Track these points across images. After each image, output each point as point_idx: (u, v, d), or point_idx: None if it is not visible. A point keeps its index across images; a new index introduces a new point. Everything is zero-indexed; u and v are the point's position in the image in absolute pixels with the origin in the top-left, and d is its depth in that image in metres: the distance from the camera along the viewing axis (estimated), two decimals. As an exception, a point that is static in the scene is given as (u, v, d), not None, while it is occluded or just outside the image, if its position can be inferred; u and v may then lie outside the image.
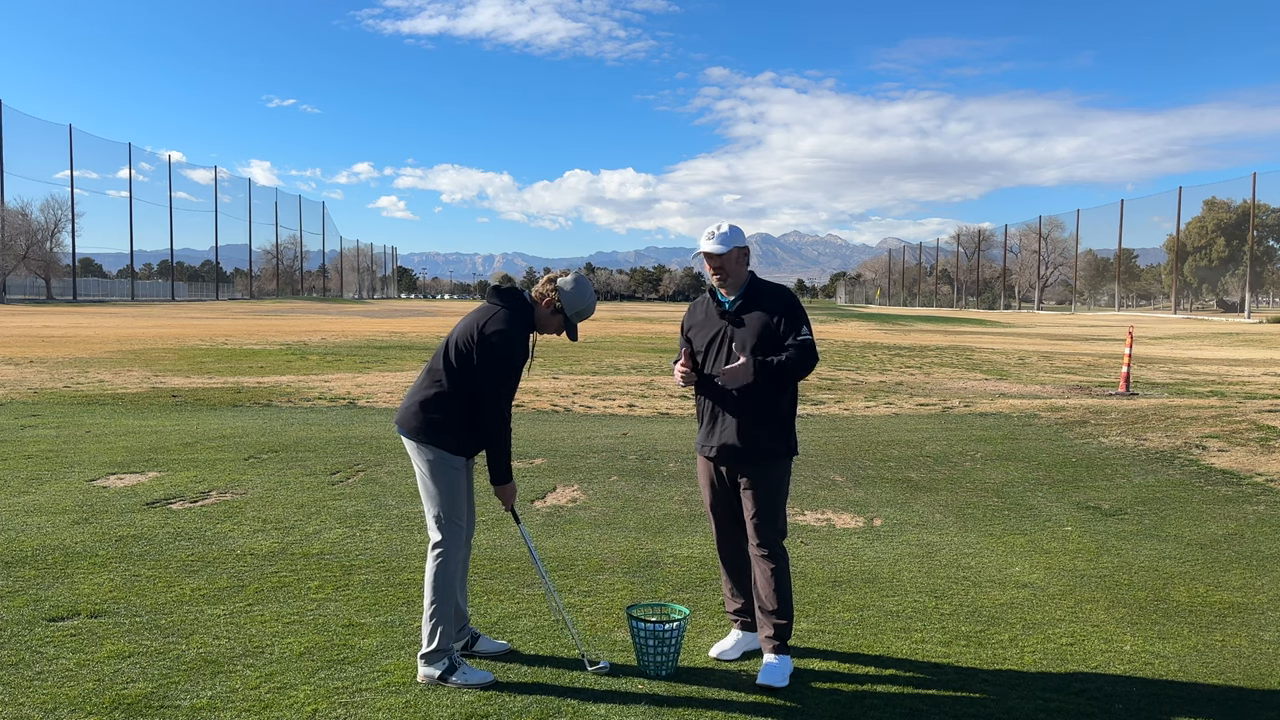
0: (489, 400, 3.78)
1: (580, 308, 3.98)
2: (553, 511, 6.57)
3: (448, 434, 3.80)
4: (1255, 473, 8.01)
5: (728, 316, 3.95)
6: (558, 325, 4.00)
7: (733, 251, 3.93)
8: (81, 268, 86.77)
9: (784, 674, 3.77)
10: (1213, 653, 4.16)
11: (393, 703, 3.50)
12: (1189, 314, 64.66)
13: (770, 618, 3.87)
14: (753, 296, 3.96)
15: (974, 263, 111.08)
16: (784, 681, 3.74)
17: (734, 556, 4.10)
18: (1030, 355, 23.80)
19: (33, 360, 17.62)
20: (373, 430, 9.91)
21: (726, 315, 3.96)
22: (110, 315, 43.24)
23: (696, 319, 4.08)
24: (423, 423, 3.81)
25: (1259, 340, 32.62)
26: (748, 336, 3.88)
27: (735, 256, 3.94)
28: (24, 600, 4.50)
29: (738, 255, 3.95)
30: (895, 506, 6.89)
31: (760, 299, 3.95)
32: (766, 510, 3.89)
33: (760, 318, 3.90)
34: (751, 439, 3.87)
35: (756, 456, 3.88)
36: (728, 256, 3.92)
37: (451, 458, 3.81)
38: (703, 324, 4.04)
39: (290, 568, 5.11)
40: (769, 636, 3.87)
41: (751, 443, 3.87)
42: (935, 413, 12.12)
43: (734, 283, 3.96)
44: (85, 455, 8.23)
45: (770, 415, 3.89)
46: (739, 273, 3.97)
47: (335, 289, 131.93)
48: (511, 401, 3.90)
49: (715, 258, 3.93)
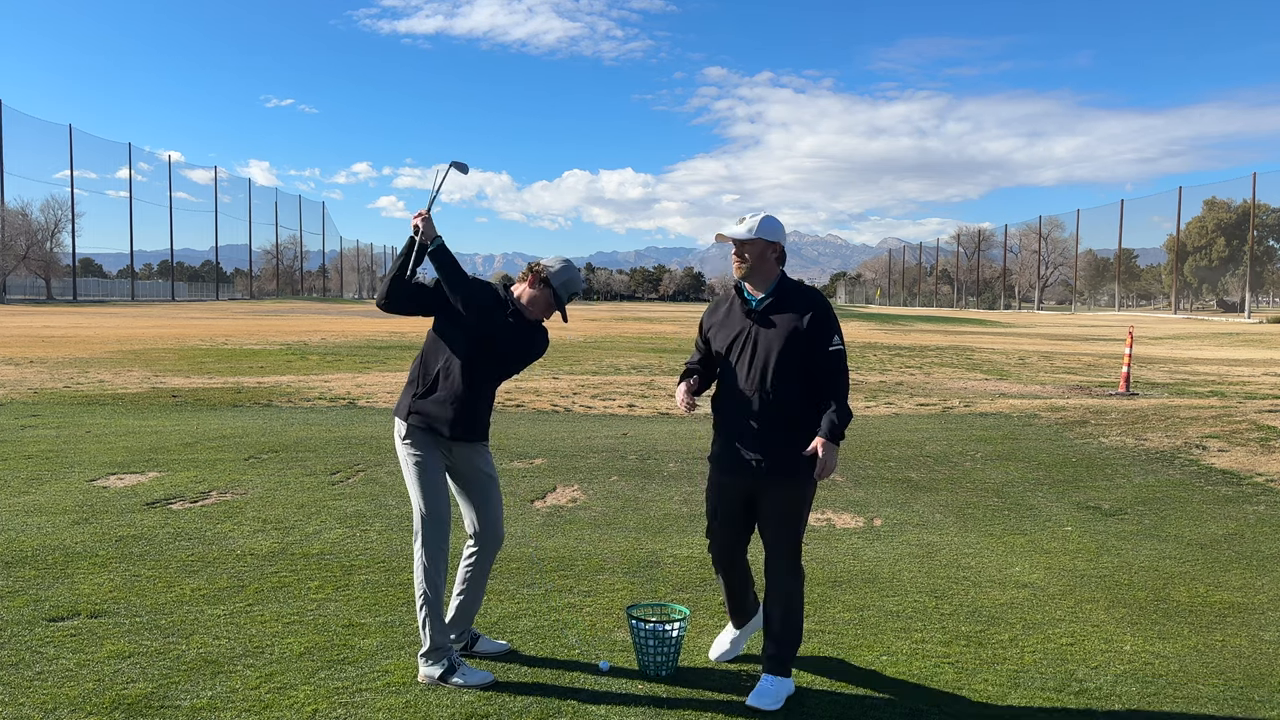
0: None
1: (565, 278, 3.92)
2: (553, 511, 6.57)
3: (399, 400, 3.93)
4: (1255, 473, 8.01)
5: (754, 316, 3.68)
6: (546, 301, 3.91)
7: (759, 242, 3.64)
8: (81, 268, 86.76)
9: (779, 697, 3.54)
10: (1213, 653, 4.16)
11: (393, 703, 3.49)
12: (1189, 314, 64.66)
13: (776, 637, 3.67)
14: (782, 296, 3.67)
15: (974, 263, 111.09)
16: (776, 705, 3.51)
17: (730, 567, 3.90)
18: (1030, 355, 23.80)
19: (33, 360, 17.62)
20: (373, 430, 9.91)
21: (752, 315, 3.68)
22: (110, 315, 43.24)
23: (718, 318, 3.82)
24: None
25: (1259, 340, 32.62)
26: (774, 340, 3.61)
27: (762, 249, 3.65)
28: (24, 600, 4.50)
29: (764, 248, 3.66)
30: (895, 506, 6.89)
31: (790, 300, 3.67)
32: (790, 528, 3.67)
33: (789, 320, 3.62)
34: (779, 454, 3.61)
35: (784, 472, 3.62)
36: (752, 245, 3.64)
37: (400, 425, 3.86)
38: (725, 323, 3.77)
39: (290, 568, 5.11)
40: (771, 655, 3.66)
41: (779, 458, 3.61)
42: (935, 413, 12.12)
43: (760, 279, 3.68)
44: (85, 455, 8.23)
45: (798, 429, 3.62)
46: (764, 268, 3.68)
47: (335, 289, 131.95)
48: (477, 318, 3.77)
49: (739, 244, 3.65)
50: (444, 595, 3.83)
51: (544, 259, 3.98)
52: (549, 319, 4.01)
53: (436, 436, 3.84)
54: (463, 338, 3.82)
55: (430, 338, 3.93)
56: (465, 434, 3.87)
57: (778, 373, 3.59)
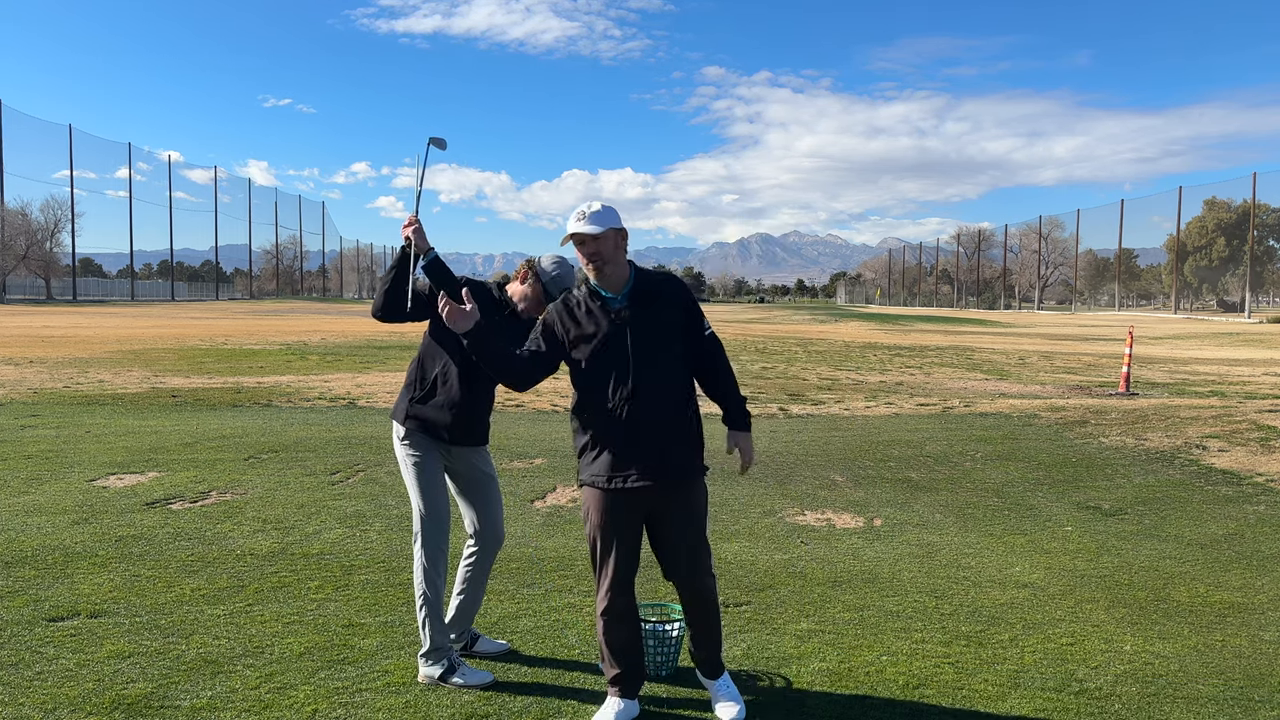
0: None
1: (556, 275, 3.87)
2: (553, 511, 6.57)
3: (397, 403, 3.95)
4: (1255, 473, 8.01)
5: (620, 317, 3.35)
6: (538, 299, 3.88)
7: (609, 234, 3.30)
8: (81, 268, 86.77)
9: (736, 691, 3.54)
10: (1213, 653, 4.16)
11: (393, 703, 3.49)
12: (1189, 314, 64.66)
13: (716, 643, 3.57)
14: (644, 290, 3.39)
15: (974, 263, 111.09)
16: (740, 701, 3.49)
17: (627, 611, 3.51)
18: (1030, 355, 23.79)
19: (33, 360, 17.62)
20: (373, 430, 9.91)
21: (618, 314, 3.35)
22: (110, 315, 43.23)
23: (572, 323, 3.39)
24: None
25: (1259, 340, 32.62)
26: (651, 339, 3.33)
27: (613, 241, 3.33)
28: (24, 600, 4.50)
29: (615, 239, 3.34)
30: (895, 506, 6.89)
31: (655, 292, 3.40)
32: (702, 533, 3.49)
33: (661, 314, 3.36)
34: (677, 453, 3.38)
35: (686, 472, 3.41)
36: (604, 240, 3.30)
37: (399, 428, 3.87)
38: (584, 329, 3.37)
39: (290, 568, 5.11)
40: (713, 660, 3.57)
41: (678, 456, 3.38)
42: (935, 413, 12.11)
43: (616, 274, 3.37)
44: (85, 455, 8.23)
45: (686, 424, 3.43)
46: (618, 261, 3.37)
47: (335, 289, 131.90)
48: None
49: (590, 241, 3.29)
50: (444, 595, 3.83)
51: (541, 256, 3.97)
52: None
53: (436, 439, 3.84)
54: (458, 344, 3.81)
55: (426, 341, 3.93)
56: (465, 439, 3.87)
57: (660, 369, 3.35)
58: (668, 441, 3.36)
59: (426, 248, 3.74)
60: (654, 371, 3.34)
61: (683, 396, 3.43)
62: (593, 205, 3.36)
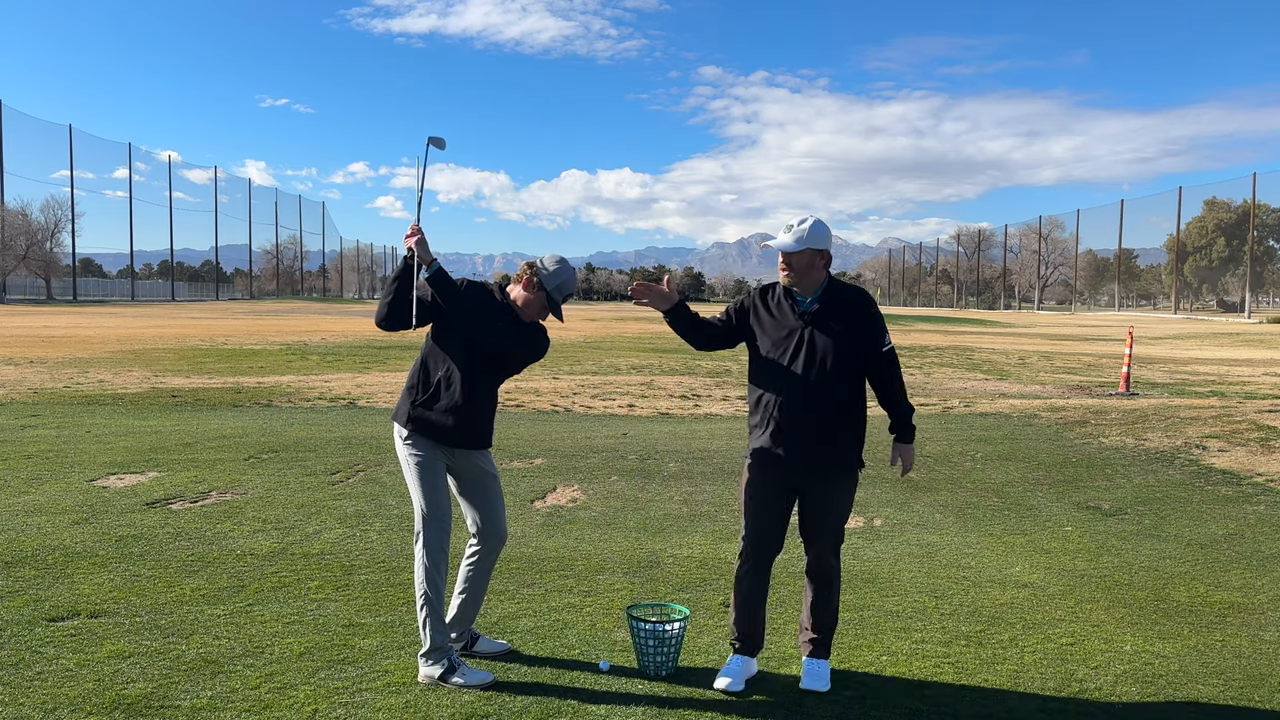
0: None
1: (559, 281, 3.89)
2: (553, 511, 6.57)
3: (398, 404, 3.94)
4: (1255, 473, 8.01)
5: (805, 318, 3.67)
6: (540, 304, 3.90)
7: (805, 252, 3.62)
8: (81, 268, 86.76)
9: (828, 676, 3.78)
10: (1213, 653, 4.16)
11: (393, 703, 3.50)
12: (1189, 314, 64.66)
13: (829, 625, 3.84)
14: (832, 300, 3.68)
15: (974, 263, 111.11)
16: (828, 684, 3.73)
17: (760, 582, 3.83)
18: (1030, 355, 23.80)
19: (33, 360, 17.62)
20: (373, 430, 9.91)
21: (804, 316, 3.67)
22: (110, 315, 43.24)
23: (764, 314, 3.77)
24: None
25: (1259, 340, 32.62)
26: (829, 342, 3.62)
27: (809, 259, 3.63)
28: (24, 600, 4.50)
29: (812, 258, 3.64)
30: (895, 506, 6.89)
31: (840, 303, 3.68)
32: (842, 521, 3.77)
33: (842, 324, 3.64)
34: (836, 447, 3.64)
35: (838, 466, 3.68)
36: (799, 256, 3.62)
37: (400, 429, 3.86)
38: (773, 322, 3.72)
39: (290, 568, 5.11)
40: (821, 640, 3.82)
41: (836, 451, 3.65)
42: (935, 413, 12.12)
43: (807, 283, 3.68)
44: (85, 455, 8.23)
45: (848, 427, 3.68)
46: (813, 274, 3.66)
47: (335, 289, 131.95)
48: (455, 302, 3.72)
49: (786, 255, 3.63)
50: (445, 595, 3.83)
51: (542, 257, 3.97)
52: (545, 319, 4.01)
53: (438, 442, 3.85)
54: (461, 349, 3.82)
55: (429, 344, 3.92)
56: (467, 443, 3.87)
57: (833, 374, 3.61)
58: (824, 432, 3.63)
59: (430, 259, 3.73)
60: (822, 371, 3.62)
61: (847, 397, 3.66)
62: (803, 223, 3.66)
